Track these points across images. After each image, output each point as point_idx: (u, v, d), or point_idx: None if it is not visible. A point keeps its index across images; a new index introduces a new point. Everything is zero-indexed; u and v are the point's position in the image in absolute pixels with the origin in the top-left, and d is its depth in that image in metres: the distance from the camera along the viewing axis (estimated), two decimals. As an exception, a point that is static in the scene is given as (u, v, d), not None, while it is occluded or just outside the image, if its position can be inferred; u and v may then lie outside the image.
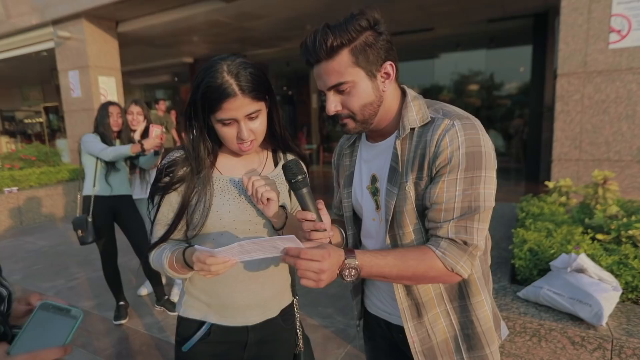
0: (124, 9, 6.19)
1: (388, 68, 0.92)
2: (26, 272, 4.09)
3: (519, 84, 8.48)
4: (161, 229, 1.07)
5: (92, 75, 6.65)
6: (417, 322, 0.99)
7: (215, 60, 0.97)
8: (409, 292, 0.98)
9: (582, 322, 1.67)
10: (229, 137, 0.99)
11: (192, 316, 1.11)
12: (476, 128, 0.88)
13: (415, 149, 0.92)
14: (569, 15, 3.29)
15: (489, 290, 1.03)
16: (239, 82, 0.94)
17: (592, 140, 3.32)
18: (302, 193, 0.94)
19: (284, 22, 6.78)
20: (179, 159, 1.05)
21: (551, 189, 3.01)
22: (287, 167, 0.96)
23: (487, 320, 0.98)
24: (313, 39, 0.89)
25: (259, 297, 1.10)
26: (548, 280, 1.85)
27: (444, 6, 5.93)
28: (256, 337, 1.12)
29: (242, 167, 1.11)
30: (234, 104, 0.94)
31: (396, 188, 0.94)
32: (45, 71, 9.92)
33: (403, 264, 0.87)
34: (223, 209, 1.04)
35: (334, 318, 2.88)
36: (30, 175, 6.31)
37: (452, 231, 0.87)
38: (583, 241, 2.09)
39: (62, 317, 0.64)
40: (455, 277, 0.90)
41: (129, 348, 2.64)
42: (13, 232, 5.66)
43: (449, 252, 0.87)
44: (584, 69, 3.27)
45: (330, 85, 0.92)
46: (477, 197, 0.87)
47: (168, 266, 1.02)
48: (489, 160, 0.87)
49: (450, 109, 0.94)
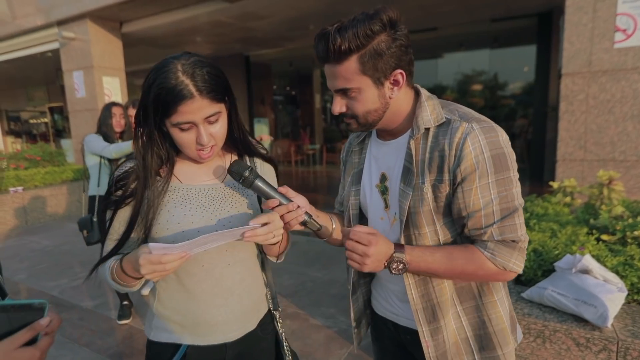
0: (127, 10, 6.21)
1: (398, 76, 0.90)
2: (31, 272, 4.11)
3: (523, 84, 8.44)
4: (111, 244, 0.97)
5: (96, 76, 6.68)
6: (433, 327, 0.97)
7: (168, 60, 0.88)
8: (424, 293, 0.97)
9: (587, 324, 1.66)
10: (187, 143, 0.91)
11: (164, 340, 1.01)
12: (495, 130, 0.89)
13: (431, 150, 0.91)
14: (573, 14, 3.27)
15: (507, 292, 1.03)
16: (195, 82, 0.85)
17: (597, 140, 3.30)
18: (256, 186, 0.93)
19: (287, 22, 6.78)
20: (132, 170, 0.96)
21: (555, 189, 2.99)
22: (231, 171, 0.93)
23: (500, 320, 0.97)
24: (325, 40, 0.87)
25: (237, 311, 1.02)
26: (552, 281, 1.84)
27: (446, 6, 5.91)
28: (234, 353, 1.04)
29: (203, 174, 1.02)
30: (191, 106, 0.86)
31: (410, 188, 0.93)
32: (50, 72, 9.98)
33: (451, 263, 0.89)
34: (185, 220, 0.95)
35: (337, 318, 2.88)
36: (35, 175, 6.35)
37: (497, 233, 0.88)
38: (588, 242, 2.08)
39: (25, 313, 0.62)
40: (510, 274, 0.90)
41: (132, 347, 2.65)
42: (18, 232, 5.70)
43: (497, 252, 0.88)
44: (589, 69, 3.25)
45: (337, 88, 0.92)
46: (512, 198, 0.88)
47: (111, 278, 0.93)
48: (512, 161, 0.89)
49: (466, 110, 0.93)
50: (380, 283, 1.13)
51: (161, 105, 0.87)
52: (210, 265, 0.99)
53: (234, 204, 1.01)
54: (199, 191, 0.99)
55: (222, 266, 1.01)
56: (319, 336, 2.66)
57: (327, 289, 3.37)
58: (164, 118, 0.89)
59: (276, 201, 0.91)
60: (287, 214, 0.91)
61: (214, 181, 1.03)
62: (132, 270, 0.87)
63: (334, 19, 0.92)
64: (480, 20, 6.90)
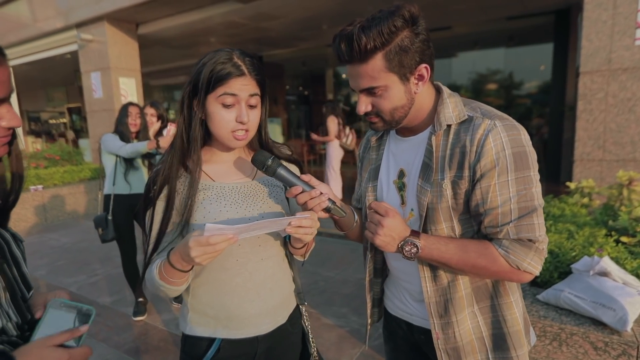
0: (144, 11, 6.32)
1: (422, 71, 0.90)
2: (50, 268, 4.22)
3: (539, 83, 8.29)
4: (152, 242, 1.00)
5: (113, 77, 6.82)
6: (445, 321, 0.97)
7: (224, 48, 0.98)
8: (438, 287, 0.97)
9: (605, 327, 1.62)
10: (226, 120, 0.96)
11: (199, 334, 1.04)
12: (517, 128, 0.88)
13: (452, 146, 0.91)
14: (592, 11, 3.20)
15: (521, 294, 1.02)
16: (246, 65, 0.96)
17: (616, 140, 3.22)
18: (278, 174, 0.94)
19: (300, 22, 6.80)
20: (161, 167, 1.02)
21: (572, 189, 2.93)
22: (254, 160, 0.97)
23: (515, 322, 0.97)
24: (349, 40, 0.86)
25: (269, 304, 1.07)
26: (569, 283, 1.81)
27: (461, 4, 5.84)
28: (265, 346, 1.08)
29: (233, 173, 1.07)
30: (242, 81, 0.95)
31: (429, 185, 0.93)
32: (69, 73, 10.22)
33: (464, 254, 0.89)
34: (221, 217, 0.99)
35: (349, 318, 2.88)
36: (54, 174, 6.52)
37: (513, 232, 0.87)
38: (606, 244, 2.03)
39: (73, 314, 0.66)
40: (524, 275, 0.88)
41: (147, 343, 2.70)
42: (38, 229, 5.85)
43: (512, 250, 0.87)
44: (608, 67, 3.18)
45: (363, 88, 0.92)
46: (531, 197, 0.87)
47: (159, 277, 0.93)
48: (533, 160, 0.88)
49: (488, 108, 0.93)
50: (395, 282, 1.13)
51: (214, 79, 0.94)
52: (244, 260, 1.02)
53: (265, 200, 1.06)
54: (232, 189, 1.03)
55: (256, 260, 1.04)
56: (330, 335, 2.67)
57: (339, 288, 3.37)
58: (210, 92, 0.96)
59: (299, 188, 0.92)
60: (310, 200, 0.91)
61: (244, 179, 1.07)
62: (181, 261, 0.87)
63: (346, 19, 0.92)
64: (495, 18, 6.81)
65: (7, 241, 0.72)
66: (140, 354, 2.58)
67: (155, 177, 1.01)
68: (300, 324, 1.19)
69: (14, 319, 0.66)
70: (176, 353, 2.57)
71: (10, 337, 0.66)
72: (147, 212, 1.02)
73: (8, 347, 0.65)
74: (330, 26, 7.06)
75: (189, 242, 0.81)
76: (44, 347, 0.61)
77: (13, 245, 0.73)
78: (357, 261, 3.97)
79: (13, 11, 7.83)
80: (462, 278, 0.96)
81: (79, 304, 0.66)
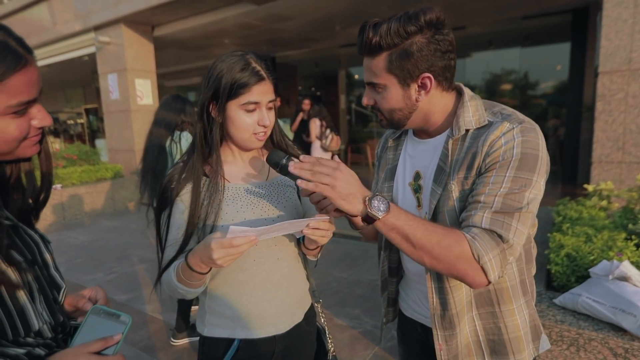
0: (159, 14, 6.42)
1: (426, 80, 0.88)
2: (68, 266, 4.32)
3: (556, 83, 8.13)
4: (172, 249, 0.99)
5: (129, 78, 6.94)
6: (449, 333, 0.96)
7: (235, 52, 0.99)
8: (443, 301, 0.96)
9: (625, 333, 1.59)
10: (249, 125, 0.99)
11: (218, 335, 1.05)
12: (536, 132, 0.85)
13: (467, 150, 0.89)
14: (612, 10, 3.13)
15: (528, 301, 0.99)
16: (264, 69, 0.99)
17: (636, 142, 3.15)
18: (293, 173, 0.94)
19: (313, 23, 6.82)
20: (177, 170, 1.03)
21: (590, 192, 2.87)
22: (269, 160, 0.96)
23: (516, 328, 0.96)
24: (363, 33, 0.89)
25: (286, 303, 1.08)
26: (587, 287, 1.78)
27: (475, 4, 5.78)
28: (282, 345, 1.09)
29: (248, 174, 1.09)
30: (263, 87, 0.98)
31: (440, 188, 0.92)
32: (86, 74, 10.45)
33: (431, 230, 0.81)
34: (238, 217, 1.01)
35: (362, 319, 2.87)
36: (72, 173, 6.66)
37: (487, 222, 0.81)
38: (626, 248, 1.99)
39: (112, 321, 0.67)
40: (479, 273, 0.80)
41: (163, 341, 2.74)
42: (57, 227, 5.99)
43: (479, 238, 0.80)
44: (629, 67, 3.11)
45: (366, 81, 0.94)
46: (521, 199, 0.81)
47: (177, 279, 0.94)
48: (542, 166, 0.83)
49: (510, 111, 0.90)
50: (409, 284, 1.13)
51: (236, 86, 0.96)
52: (260, 260, 1.04)
53: (279, 201, 1.08)
54: (247, 190, 1.05)
55: (272, 260, 1.05)
56: (343, 336, 2.67)
57: (352, 289, 3.37)
58: (231, 99, 0.97)
59: None
60: (323, 199, 0.91)
61: (258, 180, 1.09)
62: (200, 263, 0.86)
63: (359, 19, 0.94)
64: (510, 18, 6.71)
65: (36, 243, 0.73)
66: (155, 352, 2.62)
67: (173, 180, 1.02)
68: (316, 322, 1.21)
69: (48, 321, 0.68)
70: (189, 351, 2.61)
71: (45, 340, 0.68)
72: (163, 213, 1.02)
73: (43, 349, 0.66)
74: (343, 27, 7.07)
75: (211, 244, 0.81)
76: (80, 354, 0.62)
77: (42, 246, 0.74)
78: (370, 262, 3.96)
79: (34, 15, 8.05)
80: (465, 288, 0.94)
81: (117, 312, 0.67)
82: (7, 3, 8.50)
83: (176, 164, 1.06)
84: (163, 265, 1.01)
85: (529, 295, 0.99)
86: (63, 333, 0.72)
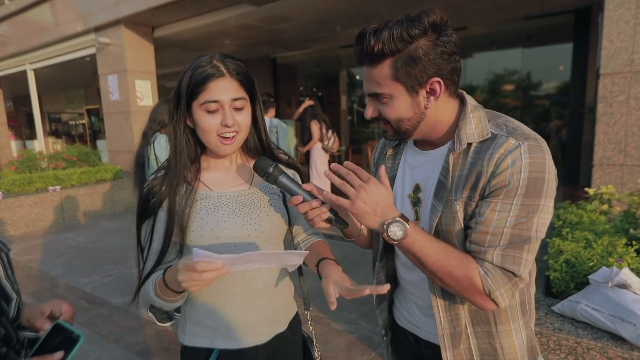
0: (159, 15, 6.41)
1: (435, 85, 0.84)
2: (66, 268, 4.31)
3: (558, 84, 8.07)
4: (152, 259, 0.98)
5: (129, 79, 6.93)
6: (457, 352, 0.93)
7: (202, 54, 0.97)
8: (453, 317, 0.92)
9: (624, 342, 1.56)
10: (211, 126, 0.93)
11: (198, 344, 1.03)
12: (543, 151, 0.80)
13: (470, 166, 0.84)
14: (614, 11, 3.09)
15: (527, 322, 0.95)
16: (226, 66, 0.94)
17: (638, 144, 3.10)
18: (280, 182, 0.93)
19: (313, 23, 6.80)
20: (159, 177, 1.00)
21: (591, 196, 2.83)
22: (256, 168, 0.95)
23: (512, 350, 0.92)
24: (361, 41, 0.84)
25: (268, 312, 1.05)
26: (586, 294, 1.74)
27: (477, 4, 5.74)
28: (265, 355, 1.06)
29: (231, 181, 1.05)
30: (220, 84, 0.92)
31: (441, 205, 0.87)
32: (88, 76, 10.46)
33: (445, 259, 0.82)
34: (218, 227, 0.97)
35: (359, 324, 2.84)
36: (72, 174, 6.67)
37: (498, 259, 0.81)
38: (627, 254, 1.95)
39: (67, 338, 0.68)
40: (489, 302, 0.83)
41: (158, 345, 2.72)
42: (56, 228, 5.99)
43: (491, 275, 0.81)
44: (630, 68, 3.06)
45: (369, 92, 0.89)
46: (529, 227, 0.79)
47: (154, 293, 0.92)
48: (550, 188, 0.80)
49: (516, 125, 0.85)
50: (403, 294, 1.10)
51: (193, 85, 0.92)
52: (242, 269, 1.00)
53: (263, 208, 1.04)
54: (229, 198, 1.01)
55: (254, 270, 1.02)
56: (340, 341, 2.64)
57: (349, 293, 3.34)
58: (193, 100, 0.94)
59: (300, 197, 0.90)
60: (310, 210, 0.89)
61: (242, 187, 1.05)
62: (174, 281, 0.84)
63: (360, 20, 0.91)
64: (512, 18, 6.67)
65: None
66: (151, 356, 2.60)
67: (152, 188, 0.99)
68: (301, 331, 1.18)
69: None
70: (185, 355, 2.59)
71: None
72: (144, 224, 1.00)
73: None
74: (344, 28, 7.04)
75: (179, 264, 0.80)
76: None
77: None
78: (368, 265, 3.91)
79: (36, 16, 8.06)
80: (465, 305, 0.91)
81: (71, 328, 0.68)
82: (9, 4, 8.52)
83: (157, 172, 1.03)
84: (143, 276, 0.98)
85: (528, 315, 0.95)
86: (10, 345, 0.70)
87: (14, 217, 5.77)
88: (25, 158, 6.99)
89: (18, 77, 9.64)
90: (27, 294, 3.65)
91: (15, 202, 5.78)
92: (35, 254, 4.84)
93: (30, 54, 8.68)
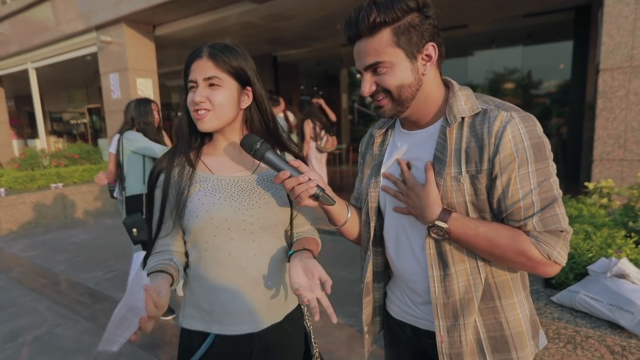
0: (160, 13, 6.43)
1: (430, 49, 0.90)
2: (69, 264, 4.34)
3: (559, 81, 8.08)
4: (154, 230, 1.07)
5: (130, 78, 6.95)
6: (450, 323, 0.93)
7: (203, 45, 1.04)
8: (447, 288, 0.93)
9: (622, 331, 1.57)
10: (189, 104, 1.01)
11: (194, 327, 1.05)
12: (532, 119, 0.87)
13: (468, 140, 0.88)
14: (613, 6, 3.11)
15: (527, 295, 0.98)
16: (210, 49, 1.00)
17: (638, 139, 3.12)
18: (266, 158, 0.94)
19: (314, 22, 6.81)
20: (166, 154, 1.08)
21: (591, 190, 2.85)
22: (243, 144, 0.97)
23: (517, 324, 0.93)
24: (357, 14, 0.89)
25: (263, 301, 1.05)
26: (585, 285, 1.76)
27: (477, 2, 5.75)
28: (262, 345, 1.06)
29: (234, 166, 1.08)
30: (197, 65, 0.99)
31: (441, 179, 0.90)
32: (89, 74, 10.48)
33: (495, 240, 0.86)
34: (214, 209, 1.00)
35: (360, 317, 2.86)
36: (73, 172, 6.70)
37: (540, 225, 0.84)
38: (625, 245, 1.97)
39: None
40: (551, 266, 0.85)
41: (160, 338, 2.74)
42: (58, 225, 6.02)
43: (542, 239, 0.84)
44: (630, 63, 3.08)
45: (367, 64, 0.90)
46: (551, 187, 0.85)
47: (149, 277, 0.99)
48: (549, 150, 0.87)
49: (500, 101, 0.92)
50: (398, 284, 1.08)
51: (185, 68, 1.02)
52: (237, 255, 1.02)
53: (263, 196, 1.05)
54: (229, 182, 1.04)
55: (249, 256, 1.03)
56: (341, 334, 2.66)
57: (350, 287, 3.36)
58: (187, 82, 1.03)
59: (287, 173, 0.92)
60: (297, 186, 0.91)
61: (244, 173, 1.07)
62: None
63: None
64: (512, 16, 6.67)
65: None
66: (153, 349, 2.62)
67: (158, 164, 1.06)
68: (302, 325, 1.17)
69: None
70: (188, 348, 2.61)
71: None
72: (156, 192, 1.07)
73: None
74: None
75: None
76: None
77: None
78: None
79: (38, 15, 8.08)
80: (474, 279, 0.92)
81: None
82: (10, 3, 8.55)
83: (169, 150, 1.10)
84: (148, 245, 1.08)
85: (527, 288, 0.99)
86: None
87: (17, 214, 5.80)
88: (27, 156, 7.02)
89: (20, 76, 9.66)
90: (30, 290, 3.68)
91: (17, 199, 5.81)
92: (38, 251, 4.87)
93: (31, 53, 8.70)
